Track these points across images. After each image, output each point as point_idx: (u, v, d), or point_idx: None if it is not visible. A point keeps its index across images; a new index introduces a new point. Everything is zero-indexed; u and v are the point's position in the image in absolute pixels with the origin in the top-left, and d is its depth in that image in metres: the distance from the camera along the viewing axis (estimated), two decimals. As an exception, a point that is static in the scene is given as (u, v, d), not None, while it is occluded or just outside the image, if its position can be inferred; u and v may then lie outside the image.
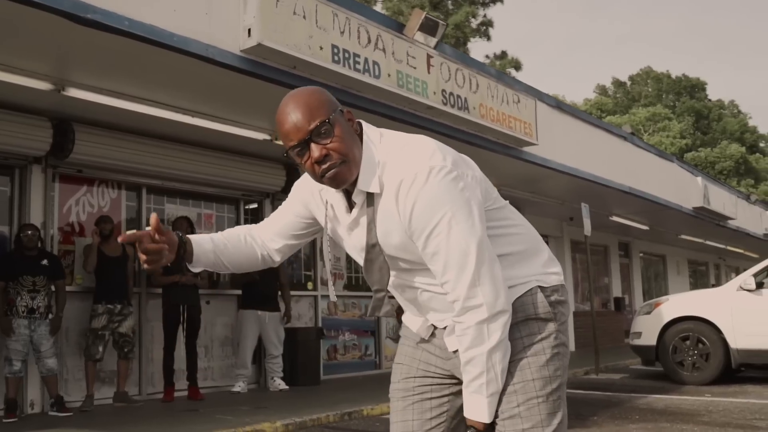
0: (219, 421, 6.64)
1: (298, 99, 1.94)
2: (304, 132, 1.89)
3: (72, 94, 6.92)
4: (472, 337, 1.93)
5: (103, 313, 7.81)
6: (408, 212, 1.90)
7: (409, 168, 1.90)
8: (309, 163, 1.92)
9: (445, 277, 1.93)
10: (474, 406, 1.98)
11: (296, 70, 6.92)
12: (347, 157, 1.91)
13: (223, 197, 10.01)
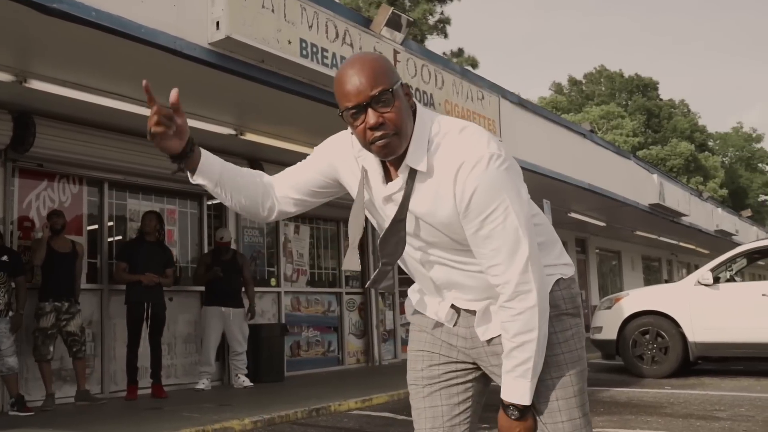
0: (186, 419, 6.57)
1: (365, 62, 1.92)
2: (365, 96, 1.88)
3: (34, 86, 6.78)
4: (522, 323, 1.96)
5: (50, 311, 7.59)
6: (468, 195, 1.90)
7: (470, 152, 1.91)
8: (362, 127, 1.91)
9: (496, 260, 1.94)
10: (517, 390, 2.01)
11: (264, 64, 6.87)
12: (400, 129, 1.91)
13: (186, 192, 9.87)
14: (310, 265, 11.84)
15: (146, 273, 8.32)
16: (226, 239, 9.50)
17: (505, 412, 2.05)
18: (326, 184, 2.25)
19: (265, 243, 11.12)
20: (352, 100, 1.90)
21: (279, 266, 11.18)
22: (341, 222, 12.39)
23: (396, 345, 13.17)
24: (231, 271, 9.31)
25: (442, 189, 1.94)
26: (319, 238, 12.13)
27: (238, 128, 8.62)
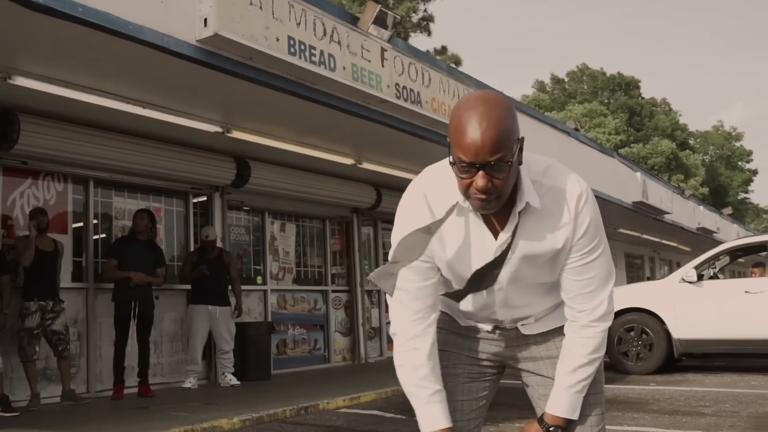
0: (174, 419, 6.53)
1: (493, 120, 1.84)
2: (482, 159, 1.84)
3: (18, 82, 6.69)
4: (598, 343, 2.12)
5: (35, 310, 7.52)
6: (584, 227, 2.03)
7: (576, 188, 2.04)
8: (467, 182, 1.89)
9: (590, 287, 2.09)
10: (573, 404, 2.14)
11: (252, 61, 6.84)
12: (502, 195, 1.92)
13: (172, 190, 9.84)
14: (296, 263, 11.82)
15: (137, 272, 8.26)
16: (211, 237, 9.46)
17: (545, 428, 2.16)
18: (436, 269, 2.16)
19: (252, 241, 11.08)
20: (469, 156, 1.84)
21: (265, 264, 11.15)
22: (326, 220, 12.38)
23: (382, 343, 13.17)
24: (217, 269, 9.27)
25: (557, 224, 2.02)
26: (305, 236, 12.11)
27: (225, 126, 8.57)
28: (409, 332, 2.10)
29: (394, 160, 11.00)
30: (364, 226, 13.14)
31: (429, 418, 2.09)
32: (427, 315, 2.11)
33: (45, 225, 7.76)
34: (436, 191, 2.05)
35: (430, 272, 2.10)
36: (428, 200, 2.05)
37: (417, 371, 2.09)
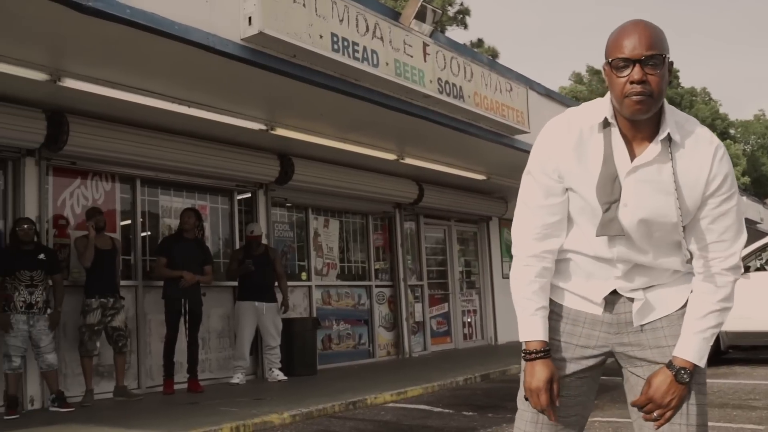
0: (224, 414, 6.60)
1: (648, 26, 2.05)
2: (639, 54, 1.99)
3: (67, 84, 6.82)
4: (728, 293, 2.14)
5: (97, 307, 7.71)
6: (722, 177, 2.10)
7: (715, 139, 2.13)
8: (624, 80, 2.02)
9: (724, 236, 2.14)
10: (701, 350, 2.14)
11: (296, 58, 6.89)
12: (656, 94, 2.02)
13: (217, 188, 9.94)
14: (339, 259, 11.87)
15: (185, 271, 8.38)
16: (256, 233, 9.53)
17: (675, 374, 2.12)
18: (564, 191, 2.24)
19: (296, 237, 11.15)
20: (625, 53, 2.01)
21: (309, 260, 11.21)
22: (369, 215, 12.40)
23: (426, 337, 13.17)
24: (263, 265, 9.34)
25: (696, 165, 2.09)
26: (348, 232, 12.15)
27: (268, 123, 8.63)
28: (527, 249, 2.23)
29: (437, 155, 10.98)
30: (407, 221, 13.14)
31: (529, 329, 2.21)
32: (547, 235, 2.22)
33: (102, 224, 7.92)
34: (581, 113, 2.21)
35: (556, 191, 2.20)
36: (570, 121, 2.20)
37: (527, 286, 2.21)
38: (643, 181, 2.10)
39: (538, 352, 2.17)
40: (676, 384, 2.11)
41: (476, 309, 14.76)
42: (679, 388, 2.11)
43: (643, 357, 2.23)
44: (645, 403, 2.16)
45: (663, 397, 2.12)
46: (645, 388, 2.17)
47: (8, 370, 7.06)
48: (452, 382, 8.66)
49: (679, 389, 2.11)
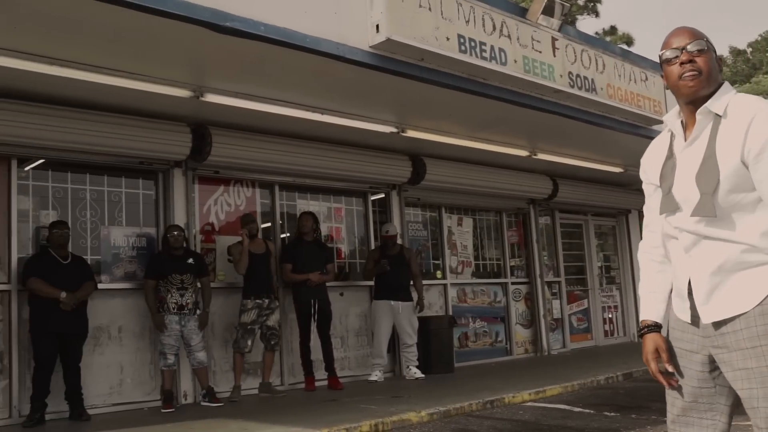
0: (364, 411, 6.79)
1: (689, 28, 2.40)
2: (683, 44, 2.32)
3: (209, 99, 7.22)
4: None
5: (252, 308, 8.12)
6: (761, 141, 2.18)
7: (757, 107, 2.23)
8: (675, 66, 2.33)
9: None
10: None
11: (424, 62, 6.99)
12: (707, 73, 2.30)
13: (351, 190, 10.20)
14: (474, 257, 11.89)
15: (311, 272, 8.65)
16: (391, 233, 9.70)
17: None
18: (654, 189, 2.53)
19: (430, 236, 11.27)
20: (674, 44, 2.34)
21: (444, 259, 11.30)
22: (503, 212, 12.36)
23: (564, 334, 12.98)
24: (398, 264, 9.50)
25: (735, 133, 2.23)
26: (482, 229, 12.15)
27: (399, 126, 8.79)
28: (645, 242, 2.58)
29: (570, 149, 10.81)
30: (542, 216, 12.99)
31: (642, 309, 2.53)
32: (651, 231, 2.55)
33: (255, 231, 8.36)
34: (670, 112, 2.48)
35: (649, 190, 2.53)
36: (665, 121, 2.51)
37: (642, 275, 2.57)
38: (690, 157, 2.30)
39: (645, 328, 2.47)
40: None
41: (617, 305, 14.41)
42: None
43: (729, 361, 2.23)
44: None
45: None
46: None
47: (164, 367, 7.56)
48: (593, 381, 8.51)
49: None
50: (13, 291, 7.07)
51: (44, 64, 6.03)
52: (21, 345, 7.02)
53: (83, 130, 7.28)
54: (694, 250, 2.29)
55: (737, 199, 2.20)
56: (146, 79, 6.73)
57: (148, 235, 8.22)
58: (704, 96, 2.29)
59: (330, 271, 8.99)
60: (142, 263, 7.99)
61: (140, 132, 7.67)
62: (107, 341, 7.63)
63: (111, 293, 7.74)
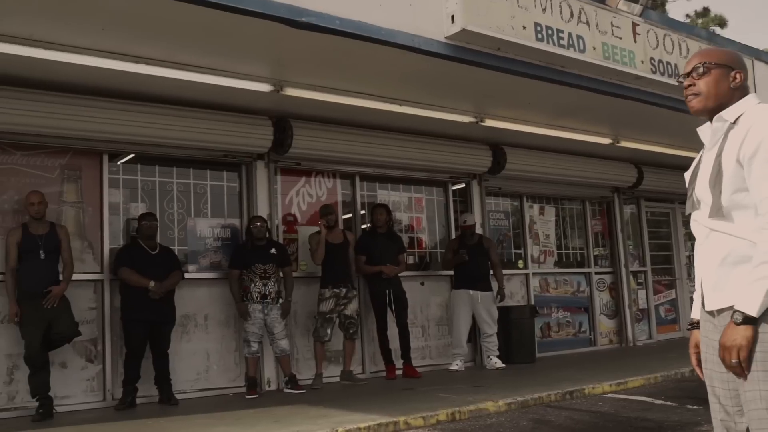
0: (441, 400, 6.85)
1: (700, 53, 2.69)
2: (688, 69, 2.65)
3: (289, 93, 7.37)
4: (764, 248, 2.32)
5: (330, 297, 8.27)
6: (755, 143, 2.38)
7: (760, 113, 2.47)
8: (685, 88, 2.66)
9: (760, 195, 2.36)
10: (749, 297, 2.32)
11: (500, 51, 6.95)
12: (702, 93, 2.59)
13: (432, 181, 10.24)
14: (557, 246, 11.77)
15: (384, 264, 8.76)
16: (469, 222, 9.69)
17: (733, 319, 2.35)
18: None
19: (511, 225, 11.21)
20: (683, 72, 2.68)
21: (526, 248, 11.23)
22: (586, 201, 12.18)
23: (651, 325, 12.72)
24: (477, 254, 9.51)
25: (738, 137, 2.44)
26: (565, 218, 12.01)
27: (477, 115, 8.78)
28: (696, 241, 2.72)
29: (655, 136, 10.57)
30: (627, 204, 12.74)
31: (694, 305, 2.72)
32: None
33: (333, 222, 8.48)
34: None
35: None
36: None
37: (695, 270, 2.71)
38: (707, 161, 2.56)
39: (690, 325, 2.74)
40: (732, 326, 2.33)
41: (707, 295, 14.00)
42: (735, 330, 2.32)
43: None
44: (722, 355, 2.39)
45: (725, 340, 2.36)
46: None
47: (248, 354, 7.80)
48: (677, 373, 8.33)
49: (735, 332, 2.32)
50: (105, 280, 7.42)
51: (129, 63, 6.29)
52: (113, 332, 7.37)
53: (170, 125, 7.55)
54: (705, 243, 2.56)
55: (739, 198, 2.42)
56: (228, 75, 6.93)
57: (233, 226, 8.47)
58: (712, 109, 2.58)
59: (401, 262, 9.07)
60: (227, 253, 8.23)
61: (224, 126, 7.90)
62: (194, 329, 7.92)
63: (197, 283, 8.03)
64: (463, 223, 9.72)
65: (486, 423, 6.13)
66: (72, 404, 7.08)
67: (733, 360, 2.34)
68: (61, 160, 7.41)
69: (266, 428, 5.67)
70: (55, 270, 6.78)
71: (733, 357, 2.34)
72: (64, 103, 6.90)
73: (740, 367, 2.34)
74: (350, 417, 6.05)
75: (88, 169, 7.55)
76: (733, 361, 2.34)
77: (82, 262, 7.34)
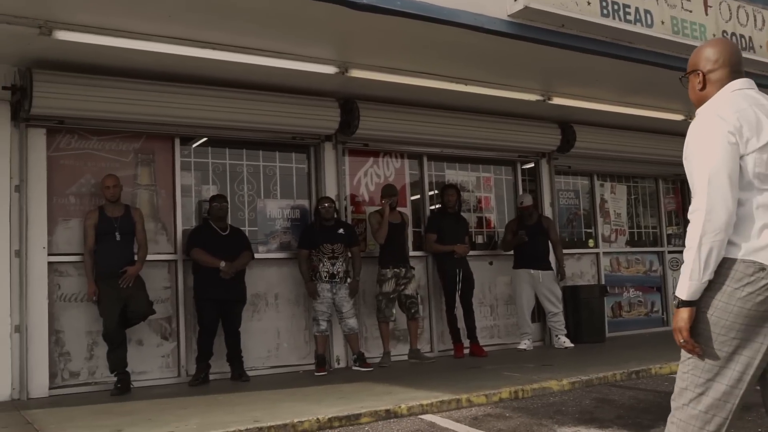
0: (506, 378, 6.89)
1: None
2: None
3: (354, 74, 7.46)
4: (689, 233, 2.57)
5: (392, 277, 8.36)
6: (687, 143, 2.71)
7: (698, 113, 2.76)
8: None
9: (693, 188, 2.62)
10: (679, 283, 2.59)
11: (564, 28, 6.87)
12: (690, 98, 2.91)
13: (500, 160, 10.19)
14: (628, 225, 11.58)
15: (454, 243, 8.81)
16: (526, 203, 9.60)
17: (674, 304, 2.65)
18: None
19: (582, 204, 11.08)
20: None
21: (596, 227, 11.09)
22: (659, 179, 11.94)
23: (727, 305, 12.39)
24: (537, 234, 9.44)
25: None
26: (637, 197, 11.79)
27: (544, 93, 8.71)
28: None
29: (730, 112, 10.26)
30: (696, 181, 12.40)
31: None
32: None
33: (395, 204, 8.55)
34: None
35: None
36: None
37: None
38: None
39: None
40: (675, 310, 2.62)
41: (788, 273, 13.57)
42: (676, 313, 2.60)
43: None
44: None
45: (673, 324, 2.62)
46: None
47: (317, 333, 7.97)
48: (749, 354, 8.14)
49: (676, 315, 2.60)
50: (178, 261, 7.68)
51: (196, 48, 6.49)
52: (187, 310, 7.63)
53: (239, 109, 7.73)
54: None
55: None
56: (293, 58, 7.08)
57: (302, 207, 8.63)
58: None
59: (466, 242, 9.09)
60: (296, 234, 8.41)
61: (292, 108, 8.04)
62: (264, 308, 8.13)
63: (267, 262, 8.23)
64: (521, 204, 9.64)
65: (548, 401, 6.14)
66: (148, 379, 7.39)
67: (681, 340, 2.56)
68: (135, 145, 7.69)
69: (331, 404, 5.81)
70: (130, 251, 7.07)
71: (677, 338, 2.58)
72: (137, 89, 7.14)
73: (689, 345, 2.55)
74: (414, 394, 6.14)
75: (160, 152, 7.81)
76: (681, 341, 2.57)
77: (156, 243, 7.61)
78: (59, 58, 6.61)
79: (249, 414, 5.51)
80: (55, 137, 7.24)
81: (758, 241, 2.51)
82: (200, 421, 5.31)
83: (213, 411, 5.77)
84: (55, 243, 7.13)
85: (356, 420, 5.44)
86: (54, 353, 7.01)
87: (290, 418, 5.28)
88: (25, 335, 6.78)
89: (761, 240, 2.51)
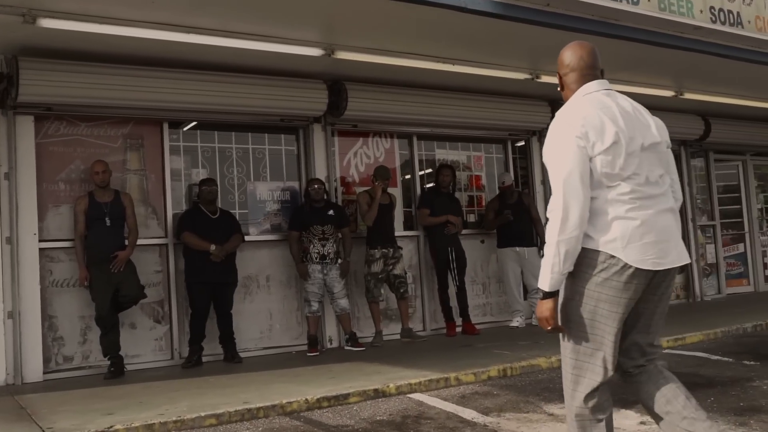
0: (496, 356, 6.95)
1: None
2: None
3: (340, 56, 7.47)
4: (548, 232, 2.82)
5: (379, 257, 8.39)
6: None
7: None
8: None
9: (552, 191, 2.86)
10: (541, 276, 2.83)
11: (550, 7, 6.87)
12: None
13: (491, 138, 10.21)
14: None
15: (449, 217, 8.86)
16: (507, 183, 9.59)
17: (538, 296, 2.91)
18: None
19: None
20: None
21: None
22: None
23: (719, 280, 12.50)
24: (519, 211, 9.45)
25: None
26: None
27: (533, 72, 8.72)
28: None
29: (720, 87, 10.28)
30: (694, 158, 12.45)
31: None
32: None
33: (387, 186, 8.57)
34: None
35: None
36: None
37: None
38: None
39: None
40: (539, 301, 2.89)
41: (780, 248, 13.65)
42: (540, 304, 2.86)
43: None
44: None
45: (537, 313, 2.91)
46: None
47: (308, 314, 8.03)
48: (738, 329, 8.22)
49: (541, 306, 2.86)
50: (169, 244, 7.74)
51: (182, 33, 6.50)
52: (179, 294, 7.69)
53: (227, 92, 7.74)
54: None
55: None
56: (279, 41, 7.10)
57: (292, 188, 8.66)
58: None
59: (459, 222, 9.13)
60: (286, 216, 8.45)
61: (279, 91, 8.05)
62: (256, 290, 8.19)
63: (258, 245, 8.28)
64: (502, 183, 9.64)
65: (537, 378, 6.22)
66: (142, 363, 7.46)
67: (548, 327, 2.86)
68: (124, 130, 7.71)
69: (321, 384, 5.88)
70: (120, 236, 7.11)
71: (544, 326, 2.88)
72: (124, 75, 7.15)
73: (557, 328, 2.88)
74: (403, 373, 6.21)
75: (149, 137, 7.84)
76: (548, 327, 2.86)
77: (147, 227, 7.66)
78: (45, 45, 6.62)
79: (239, 395, 5.59)
80: (43, 124, 7.27)
81: (609, 234, 2.78)
82: (191, 404, 5.38)
83: (204, 393, 5.85)
84: (45, 229, 7.18)
85: (345, 400, 5.52)
86: (47, 338, 7.08)
87: (279, 399, 5.36)
88: (18, 321, 6.85)
89: (611, 233, 2.77)
